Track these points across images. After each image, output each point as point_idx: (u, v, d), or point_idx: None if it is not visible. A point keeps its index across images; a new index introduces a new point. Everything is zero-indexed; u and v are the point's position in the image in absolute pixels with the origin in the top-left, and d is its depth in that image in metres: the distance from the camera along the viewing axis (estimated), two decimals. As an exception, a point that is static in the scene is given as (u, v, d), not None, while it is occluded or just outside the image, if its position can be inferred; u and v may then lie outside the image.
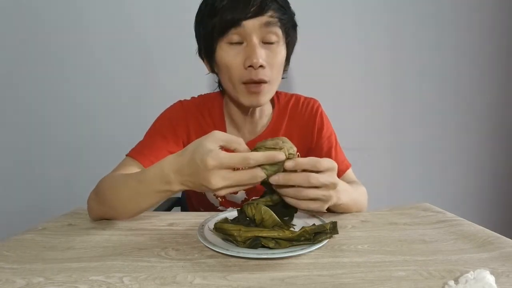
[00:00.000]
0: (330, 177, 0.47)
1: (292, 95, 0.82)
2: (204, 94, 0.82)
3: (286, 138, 0.48)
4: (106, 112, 1.32)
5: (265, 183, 0.47)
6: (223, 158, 0.41)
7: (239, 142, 0.45)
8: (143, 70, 1.31)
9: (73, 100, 1.31)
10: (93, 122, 1.32)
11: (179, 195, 1.02)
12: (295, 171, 0.46)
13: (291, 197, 0.47)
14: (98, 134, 1.32)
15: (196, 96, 0.81)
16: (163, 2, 1.28)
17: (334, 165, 0.49)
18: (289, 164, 0.45)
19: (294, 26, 0.67)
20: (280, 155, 0.43)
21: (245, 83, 0.63)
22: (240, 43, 0.62)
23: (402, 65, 1.40)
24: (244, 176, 0.43)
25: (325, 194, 0.47)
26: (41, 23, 1.26)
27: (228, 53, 0.62)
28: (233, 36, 0.61)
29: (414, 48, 1.40)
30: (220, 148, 0.44)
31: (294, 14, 0.67)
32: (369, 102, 1.41)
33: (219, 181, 0.42)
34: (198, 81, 1.27)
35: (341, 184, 0.56)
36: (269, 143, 0.46)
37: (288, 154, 0.44)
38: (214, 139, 0.44)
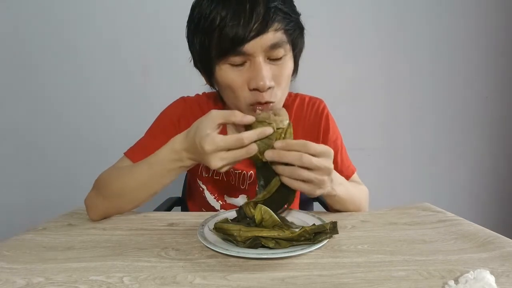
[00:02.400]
0: (324, 161, 0.48)
1: (296, 95, 0.79)
2: (208, 92, 0.80)
3: (281, 109, 0.49)
4: (106, 112, 1.32)
5: (258, 167, 0.50)
6: (219, 142, 0.45)
7: (235, 115, 0.47)
8: (143, 70, 1.31)
9: (73, 100, 1.31)
10: (93, 123, 1.32)
11: (180, 195, 1.02)
12: None
13: (286, 176, 0.48)
14: (99, 135, 1.32)
15: (200, 93, 0.80)
16: (163, 3, 1.28)
17: (329, 150, 0.48)
18: (278, 145, 0.46)
19: (301, 32, 0.61)
20: (269, 130, 0.46)
21: (251, 105, 0.58)
22: (243, 63, 0.56)
23: (404, 66, 1.40)
24: (239, 153, 0.46)
25: (318, 178, 0.48)
26: (40, 24, 1.26)
27: (229, 74, 0.56)
28: (235, 59, 0.55)
29: (416, 49, 1.40)
30: (219, 127, 0.48)
31: (300, 15, 0.60)
32: (369, 102, 1.41)
33: (218, 162, 0.45)
34: (198, 80, 1.27)
35: (337, 177, 0.56)
36: (262, 116, 0.48)
37: (277, 128, 0.47)
38: (212, 120, 0.47)
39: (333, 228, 0.46)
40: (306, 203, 1.10)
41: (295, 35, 0.59)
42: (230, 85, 0.57)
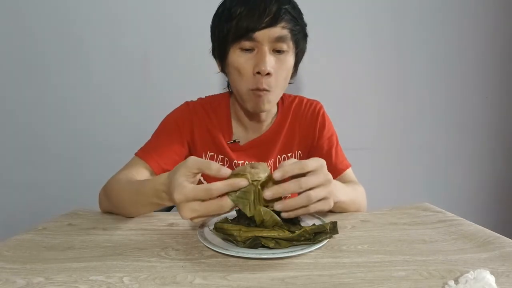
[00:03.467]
0: (322, 175, 0.46)
1: (295, 96, 0.84)
2: (211, 95, 0.84)
3: (262, 163, 0.46)
4: (106, 113, 1.32)
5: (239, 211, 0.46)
6: (188, 192, 0.42)
7: (210, 167, 0.43)
8: (143, 71, 1.31)
9: (73, 100, 1.31)
10: (93, 123, 1.32)
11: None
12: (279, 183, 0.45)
13: (299, 205, 0.45)
14: (98, 134, 1.32)
15: (202, 97, 0.84)
16: (163, 2, 1.28)
17: (321, 162, 0.47)
18: (277, 175, 0.43)
19: (304, 36, 0.70)
20: (242, 182, 0.42)
21: (251, 89, 0.67)
22: (252, 49, 0.65)
23: (404, 66, 1.40)
24: (211, 207, 0.42)
25: (327, 191, 0.46)
26: (40, 24, 1.26)
27: (240, 58, 0.66)
28: (246, 43, 0.64)
29: (416, 49, 1.40)
30: (194, 176, 0.45)
31: (306, 25, 0.69)
32: (369, 102, 1.41)
33: (188, 213, 0.42)
34: (199, 82, 1.28)
35: (336, 183, 0.55)
36: (237, 169, 0.45)
37: (252, 180, 0.43)
38: (187, 168, 0.44)
39: (333, 228, 0.46)
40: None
41: (299, 37, 0.68)
42: (239, 67, 0.66)
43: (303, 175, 0.45)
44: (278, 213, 0.46)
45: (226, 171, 0.43)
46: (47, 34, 1.26)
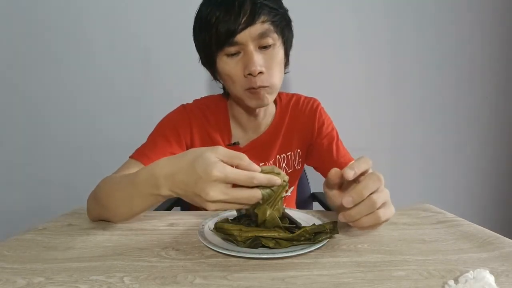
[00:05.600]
0: (386, 193, 0.45)
1: (293, 94, 0.84)
2: (207, 96, 0.83)
3: (276, 167, 0.47)
4: (106, 113, 1.32)
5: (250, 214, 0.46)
6: (229, 173, 0.40)
7: (241, 157, 0.43)
8: (143, 71, 1.31)
9: (73, 100, 1.31)
10: (93, 122, 1.32)
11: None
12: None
13: (369, 225, 0.44)
14: (98, 134, 1.33)
15: (198, 98, 0.83)
16: (163, 1, 1.28)
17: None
18: (350, 173, 0.45)
19: (288, 23, 0.67)
20: (278, 181, 0.43)
21: (247, 89, 0.65)
22: (238, 52, 0.63)
23: (403, 65, 1.40)
24: (242, 194, 0.41)
25: (386, 193, 0.46)
26: (40, 23, 1.26)
27: (228, 64, 0.64)
28: (230, 49, 0.62)
29: (415, 48, 1.40)
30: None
31: (287, 10, 0.67)
32: (369, 102, 1.41)
33: (217, 194, 0.40)
34: (199, 81, 1.28)
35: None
36: (266, 168, 0.45)
37: (283, 180, 0.44)
38: (217, 153, 0.42)
39: (333, 228, 0.46)
40: (305, 203, 1.10)
41: (282, 26, 0.66)
42: (229, 73, 0.65)
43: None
44: (280, 217, 0.46)
45: (257, 166, 0.43)
46: (46, 35, 1.26)
